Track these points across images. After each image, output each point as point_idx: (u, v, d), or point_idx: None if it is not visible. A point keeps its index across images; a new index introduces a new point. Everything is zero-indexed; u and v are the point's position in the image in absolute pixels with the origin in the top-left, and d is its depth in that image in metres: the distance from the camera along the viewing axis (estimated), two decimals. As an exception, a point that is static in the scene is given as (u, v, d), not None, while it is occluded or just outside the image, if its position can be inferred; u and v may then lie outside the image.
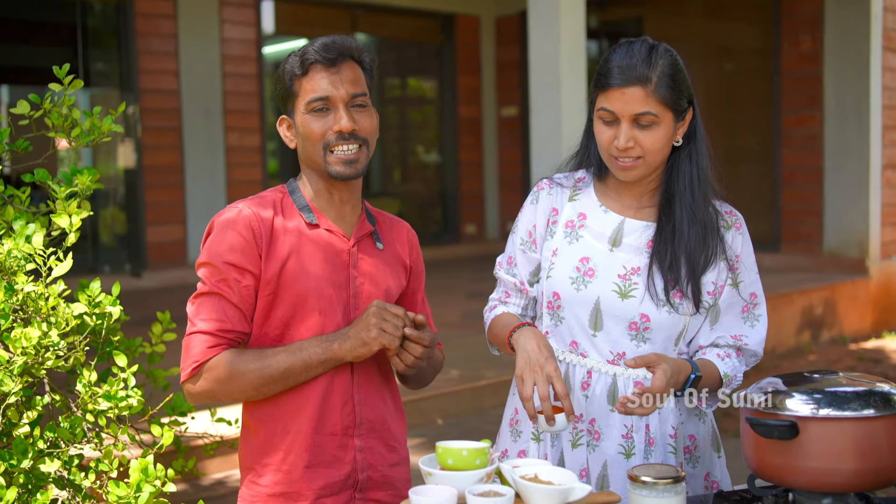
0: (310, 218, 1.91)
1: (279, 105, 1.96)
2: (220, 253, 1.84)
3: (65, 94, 2.51)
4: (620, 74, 1.89)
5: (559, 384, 1.81)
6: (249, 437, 1.94)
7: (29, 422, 2.30)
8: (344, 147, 1.87)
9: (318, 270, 1.88)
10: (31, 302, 2.24)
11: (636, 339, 1.98)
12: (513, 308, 2.12)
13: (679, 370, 1.89)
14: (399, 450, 2.01)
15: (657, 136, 1.91)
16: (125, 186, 8.33)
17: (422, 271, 2.13)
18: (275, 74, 1.96)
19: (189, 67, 8.15)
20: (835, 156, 8.24)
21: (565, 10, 5.66)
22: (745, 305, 2.04)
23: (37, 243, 2.24)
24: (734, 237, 2.03)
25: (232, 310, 1.84)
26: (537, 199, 2.10)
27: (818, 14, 8.24)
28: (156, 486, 2.18)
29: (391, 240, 2.04)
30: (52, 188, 2.41)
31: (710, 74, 9.74)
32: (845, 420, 1.65)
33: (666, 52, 1.92)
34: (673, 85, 1.91)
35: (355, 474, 1.90)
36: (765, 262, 8.59)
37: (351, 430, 1.90)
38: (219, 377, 1.81)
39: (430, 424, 4.95)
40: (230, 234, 1.84)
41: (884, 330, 7.98)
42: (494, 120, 10.69)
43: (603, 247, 2.00)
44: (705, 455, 2.07)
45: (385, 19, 10.20)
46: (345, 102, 1.87)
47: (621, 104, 1.90)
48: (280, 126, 1.96)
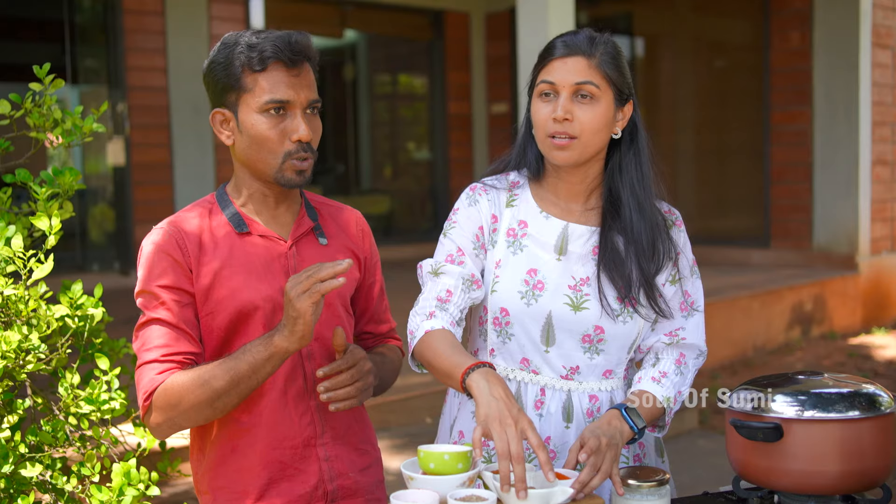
0: (240, 227, 1.81)
1: (211, 96, 1.82)
2: (152, 277, 1.76)
3: (45, 93, 2.48)
4: (564, 47, 1.86)
5: (534, 436, 1.57)
6: (201, 458, 1.86)
7: (10, 426, 2.28)
8: (301, 156, 1.77)
9: (254, 281, 1.79)
10: (12, 305, 2.21)
11: (589, 351, 1.91)
12: (453, 312, 1.87)
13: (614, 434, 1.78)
14: (370, 451, 1.94)
15: (596, 113, 1.84)
16: (114, 184, 8.30)
17: (377, 261, 2.02)
18: (213, 61, 1.80)
19: (177, 64, 8.11)
20: (824, 152, 8.25)
21: (554, 6, 5.64)
22: (681, 302, 1.98)
23: (16, 245, 2.21)
24: (677, 234, 1.98)
25: (174, 332, 1.74)
26: (475, 202, 1.96)
27: (807, 10, 8.24)
28: (139, 489, 2.17)
29: (337, 232, 1.93)
30: (33, 189, 2.38)
31: (700, 70, 9.75)
32: (830, 422, 1.65)
33: (610, 40, 1.89)
34: (616, 64, 1.86)
35: (324, 485, 1.83)
36: (754, 259, 8.65)
37: (313, 440, 1.83)
38: (169, 402, 1.70)
39: (419, 423, 4.93)
40: (158, 256, 1.77)
41: (873, 326, 8.00)
42: (485, 116, 10.67)
43: (549, 257, 1.91)
44: (650, 461, 2.03)
45: (375, 15, 10.17)
46: (303, 108, 1.77)
47: (562, 73, 1.85)
48: (213, 120, 1.82)
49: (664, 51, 10.24)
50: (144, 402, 1.73)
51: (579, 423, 1.93)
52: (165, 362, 1.73)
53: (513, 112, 10.13)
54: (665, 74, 10.02)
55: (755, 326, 7.01)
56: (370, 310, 2.03)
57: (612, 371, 1.96)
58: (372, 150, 10.81)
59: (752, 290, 7.13)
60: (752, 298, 7.01)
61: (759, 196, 8.81)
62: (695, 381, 2.03)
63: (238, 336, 1.79)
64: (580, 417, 1.93)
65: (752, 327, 6.97)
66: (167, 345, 1.74)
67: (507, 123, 10.38)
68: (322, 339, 1.84)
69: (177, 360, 1.74)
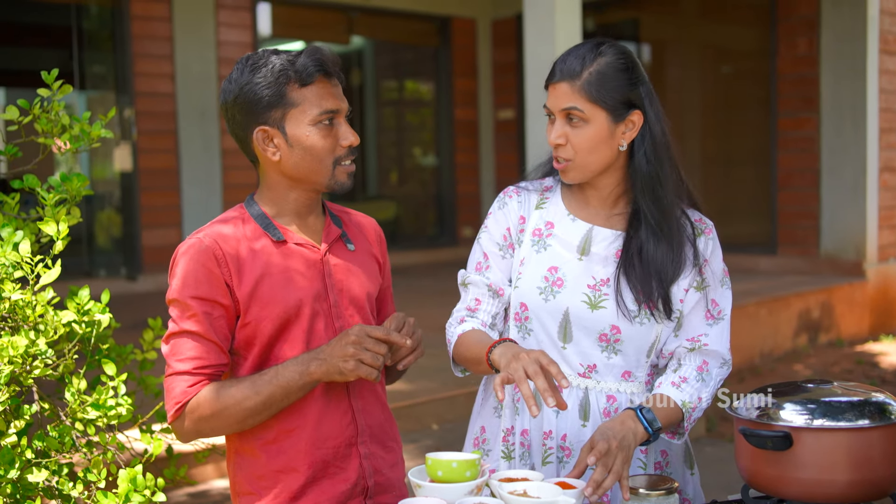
0: (276, 235, 1.87)
1: (244, 116, 1.83)
2: (186, 287, 1.80)
3: (53, 98, 2.49)
4: (558, 71, 1.89)
5: (544, 358, 1.68)
6: (243, 463, 1.91)
7: (17, 431, 2.27)
8: (349, 160, 1.87)
9: (294, 289, 1.85)
10: (19, 310, 2.21)
11: (607, 350, 1.93)
12: (483, 318, 2.01)
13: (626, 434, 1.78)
14: (396, 449, 2.00)
15: (586, 135, 1.87)
16: (121, 189, 8.31)
17: (389, 265, 2.12)
18: (248, 83, 1.81)
19: (185, 70, 8.14)
20: (831, 158, 8.23)
21: (561, 12, 5.64)
22: (707, 311, 1.98)
23: (24, 251, 2.21)
24: (706, 242, 1.99)
25: (206, 345, 1.80)
26: (504, 204, 2.04)
27: (814, 16, 8.23)
28: (145, 495, 2.16)
29: (359, 238, 2.02)
30: (41, 195, 2.39)
31: (707, 76, 9.74)
32: (840, 431, 1.64)
33: (610, 50, 1.88)
34: (602, 83, 1.85)
35: (363, 481, 1.89)
36: (761, 265, 8.62)
37: (354, 438, 1.89)
38: (202, 416, 1.79)
39: (426, 429, 4.93)
40: (193, 266, 1.80)
41: (881, 333, 7.97)
42: (491, 123, 10.68)
43: (571, 256, 1.95)
44: (676, 472, 2.02)
45: (381, 22, 10.19)
46: (345, 116, 1.88)
47: (553, 99, 1.89)
48: (256, 139, 1.83)
49: (671, 57, 10.23)
50: (176, 412, 1.81)
51: (596, 421, 1.94)
52: (196, 374, 1.80)
53: (519, 118, 10.13)
54: (672, 81, 10.01)
55: (762, 333, 6.99)
56: (385, 310, 2.10)
57: (631, 373, 1.97)
58: (378, 156, 10.82)
59: (759, 296, 7.11)
60: (760, 305, 6.99)
61: (766, 202, 8.79)
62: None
63: (280, 343, 1.85)
64: (597, 416, 1.95)
65: (759, 334, 6.95)
66: (198, 357, 1.80)
67: (514, 129, 10.39)
68: None
69: (207, 372, 1.81)
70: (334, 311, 1.89)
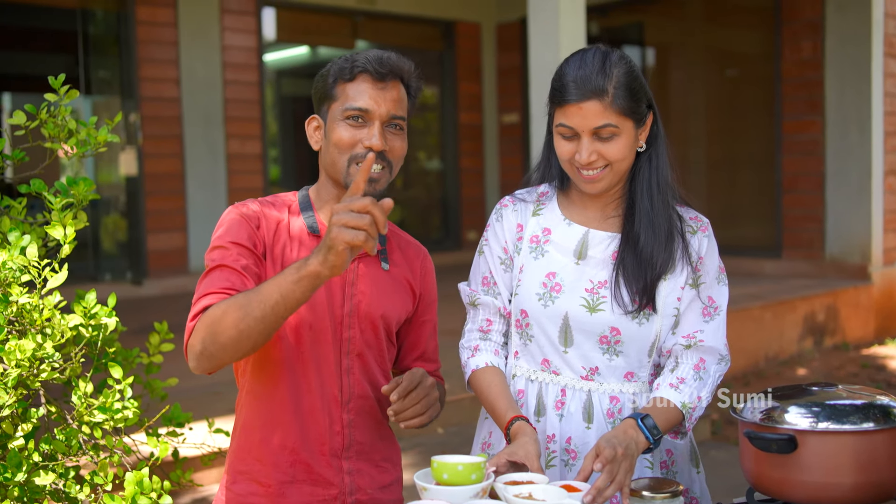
0: (313, 228, 1.87)
1: (314, 103, 1.93)
2: (228, 235, 1.80)
3: (60, 103, 2.50)
4: (576, 89, 1.85)
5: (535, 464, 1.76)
6: (234, 437, 1.93)
7: (24, 434, 2.29)
8: (372, 164, 1.78)
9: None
10: (26, 314, 2.23)
11: (608, 352, 1.94)
12: (496, 338, 2.06)
13: (630, 443, 1.78)
14: (391, 470, 1.97)
15: (620, 146, 1.88)
16: (126, 194, 8.33)
17: (433, 301, 2.06)
18: (320, 73, 1.91)
19: (190, 75, 8.16)
20: (836, 162, 8.22)
21: (565, 16, 5.65)
22: (703, 308, 1.98)
23: (31, 255, 2.23)
24: (700, 240, 1.98)
25: (239, 277, 1.74)
26: (501, 216, 2.07)
27: (819, 20, 8.23)
28: (151, 498, 2.17)
29: (401, 262, 1.98)
30: (47, 199, 2.40)
31: (711, 80, 9.74)
32: (845, 434, 1.64)
33: (620, 60, 1.89)
34: (630, 94, 1.86)
35: (343, 497, 1.87)
36: (766, 269, 8.61)
37: (339, 451, 1.87)
38: (213, 319, 1.64)
39: (431, 433, 4.93)
40: (240, 221, 1.82)
41: (886, 337, 7.96)
42: (496, 126, 10.69)
43: (568, 261, 1.97)
44: (683, 471, 2.03)
45: (386, 26, 10.20)
46: (382, 121, 1.83)
47: (579, 119, 1.86)
48: (308, 125, 1.92)
49: (675, 61, 10.23)
50: (190, 321, 1.70)
51: (599, 423, 1.95)
52: (223, 293, 1.70)
53: (524, 122, 10.14)
54: (676, 84, 10.01)
55: (767, 337, 6.98)
56: (420, 347, 2.06)
57: (633, 374, 1.97)
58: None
59: (764, 300, 7.10)
60: (764, 309, 6.98)
61: (771, 206, 8.78)
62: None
63: (285, 327, 1.82)
64: (601, 418, 1.96)
65: (764, 338, 6.94)
66: (231, 287, 1.72)
67: (518, 133, 10.40)
68: (362, 357, 1.88)
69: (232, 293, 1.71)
70: (347, 320, 1.86)
